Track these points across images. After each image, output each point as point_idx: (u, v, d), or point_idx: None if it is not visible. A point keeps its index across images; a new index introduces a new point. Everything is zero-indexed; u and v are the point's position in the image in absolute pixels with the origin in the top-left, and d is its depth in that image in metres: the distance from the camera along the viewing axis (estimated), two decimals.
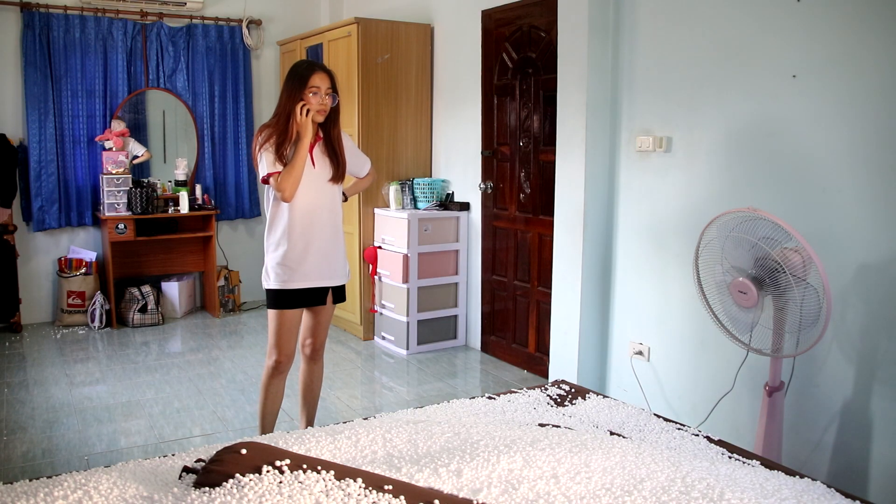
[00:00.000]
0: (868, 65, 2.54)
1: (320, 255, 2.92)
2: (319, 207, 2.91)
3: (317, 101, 2.80)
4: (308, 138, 2.79)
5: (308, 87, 2.79)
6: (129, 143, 5.50)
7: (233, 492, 1.45)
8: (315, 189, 2.89)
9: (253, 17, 5.92)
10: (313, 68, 2.84)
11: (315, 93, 2.80)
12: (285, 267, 2.88)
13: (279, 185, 2.77)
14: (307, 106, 2.78)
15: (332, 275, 2.97)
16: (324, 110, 2.84)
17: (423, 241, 4.66)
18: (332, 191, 2.96)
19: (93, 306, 5.25)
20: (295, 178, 2.77)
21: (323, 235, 2.92)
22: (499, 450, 1.77)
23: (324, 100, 2.82)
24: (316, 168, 2.88)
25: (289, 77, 2.85)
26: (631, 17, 3.45)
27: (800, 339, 2.41)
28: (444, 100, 4.95)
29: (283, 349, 2.94)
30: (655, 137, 3.36)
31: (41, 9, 5.15)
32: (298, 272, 2.89)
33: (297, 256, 2.88)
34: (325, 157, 2.92)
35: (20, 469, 3.05)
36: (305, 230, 2.88)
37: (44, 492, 1.54)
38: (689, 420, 3.24)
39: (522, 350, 4.44)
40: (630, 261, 3.57)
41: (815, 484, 1.86)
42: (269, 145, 2.80)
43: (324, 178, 2.91)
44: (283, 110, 2.82)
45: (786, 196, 2.82)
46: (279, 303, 2.91)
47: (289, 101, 2.81)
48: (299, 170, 2.78)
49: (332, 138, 2.92)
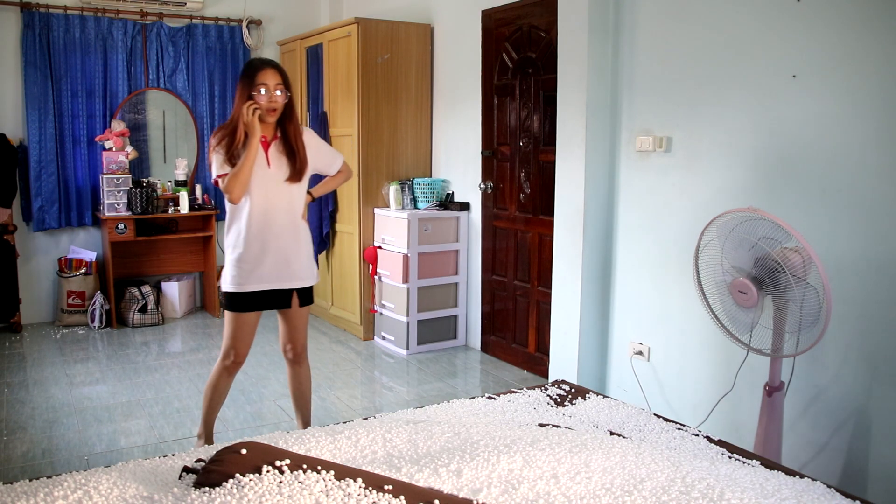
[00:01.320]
0: (868, 65, 2.54)
1: (278, 257, 2.85)
2: (276, 208, 2.83)
3: (265, 99, 2.75)
4: (256, 138, 2.73)
5: (256, 86, 2.74)
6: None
7: (233, 492, 1.45)
8: (271, 189, 2.82)
9: (253, 17, 5.93)
10: (261, 66, 2.78)
11: (262, 90, 2.74)
12: (240, 269, 2.82)
13: (226, 187, 2.73)
14: (254, 105, 2.73)
15: (292, 276, 2.90)
16: (275, 108, 2.78)
17: (423, 241, 4.66)
18: (291, 190, 2.87)
19: (93, 306, 5.25)
20: (241, 179, 2.72)
21: (281, 236, 2.85)
22: (499, 450, 1.77)
23: (273, 97, 2.76)
24: (271, 168, 2.81)
25: (240, 76, 2.81)
26: (631, 17, 3.45)
27: (800, 339, 2.41)
28: (444, 100, 4.95)
29: (239, 351, 2.91)
30: (655, 137, 3.36)
31: (41, 9, 5.15)
32: (254, 274, 2.83)
33: (252, 258, 2.82)
34: (282, 155, 2.84)
35: (20, 469, 3.05)
36: (261, 231, 2.81)
37: (44, 492, 1.54)
38: (689, 420, 3.24)
39: (522, 350, 4.44)
40: (630, 261, 3.57)
41: (815, 484, 1.86)
42: (221, 147, 2.76)
43: (280, 178, 2.83)
44: (235, 110, 2.79)
45: (786, 196, 2.82)
46: (235, 305, 2.86)
47: (239, 100, 2.77)
48: (246, 171, 2.72)
49: (288, 136, 2.84)
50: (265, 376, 4.27)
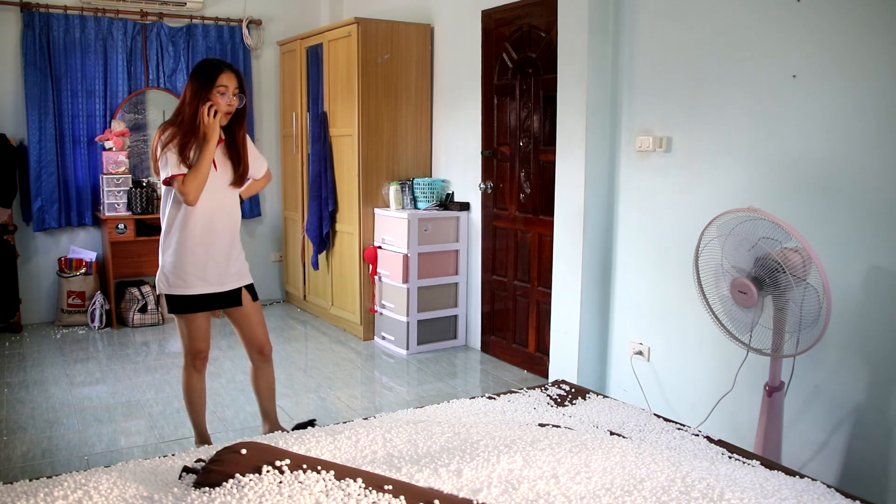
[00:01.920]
0: (868, 65, 2.54)
1: (222, 259, 2.86)
2: (220, 211, 2.83)
3: (224, 101, 2.72)
4: (215, 140, 2.70)
5: (216, 87, 2.71)
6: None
7: (233, 492, 1.45)
8: (217, 192, 2.81)
9: (253, 17, 5.93)
10: (221, 67, 2.74)
11: (223, 93, 2.72)
12: (184, 272, 2.80)
13: (184, 188, 2.67)
14: (214, 107, 2.70)
15: (235, 276, 2.92)
16: (230, 111, 2.77)
17: (423, 241, 4.66)
18: (233, 194, 2.89)
19: (93, 306, 5.25)
20: (200, 181, 2.69)
21: (223, 239, 2.85)
22: (499, 450, 1.77)
23: (231, 100, 2.74)
24: (218, 171, 2.80)
25: (194, 75, 2.75)
26: (631, 17, 3.45)
27: (800, 339, 2.41)
28: (444, 100, 4.95)
29: (200, 349, 2.95)
30: (655, 137, 3.36)
31: (41, 9, 5.15)
32: (200, 277, 2.82)
33: (198, 261, 2.81)
34: (227, 159, 2.84)
35: (20, 469, 3.05)
36: (206, 234, 2.80)
37: (44, 492, 1.54)
38: (689, 420, 3.24)
39: (522, 350, 4.44)
40: (630, 261, 3.57)
41: (815, 484, 1.86)
42: (173, 146, 2.69)
43: (225, 181, 2.83)
44: (187, 109, 2.72)
45: (786, 196, 2.82)
46: (182, 308, 2.85)
47: (193, 100, 2.71)
48: (205, 173, 2.70)
49: (236, 140, 2.84)
50: None
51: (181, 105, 2.76)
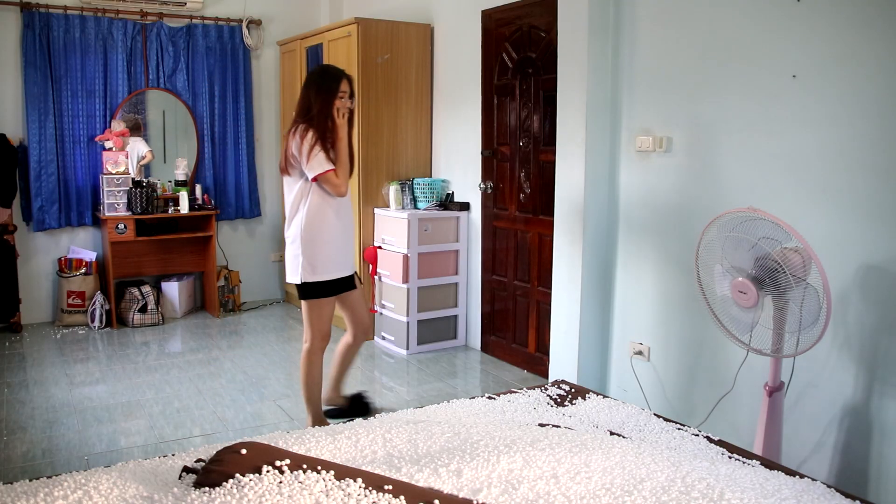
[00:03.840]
0: (868, 65, 2.54)
1: (350, 246, 3.25)
2: (347, 202, 3.21)
3: (344, 104, 3.11)
4: (346, 137, 3.12)
5: (340, 92, 3.09)
6: (132, 143, 5.51)
7: (233, 492, 1.45)
8: (345, 185, 3.16)
9: (253, 17, 5.93)
10: (341, 76, 3.12)
11: (343, 97, 3.10)
12: (331, 258, 3.15)
13: (338, 181, 3.05)
14: (342, 109, 3.09)
15: (352, 262, 3.31)
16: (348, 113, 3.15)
17: (423, 241, 4.66)
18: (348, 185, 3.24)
19: (93, 306, 5.25)
20: (347, 173, 3.12)
21: (350, 227, 3.27)
22: (499, 450, 1.77)
23: (349, 103, 3.13)
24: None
25: (320, 80, 3.10)
26: (631, 17, 3.45)
27: (800, 339, 2.41)
28: (444, 100, 4.95)
29: (327, 331, 3.24)
30: (655, 137, 3.36)
31: (41, 9, 5.15)
32: (339, 263, 3.18)
33: (339, 248, 3.18)
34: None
35: (20, 469, 3.05)
36: (344, 224, 3.19)
37: (44, 492, 1.54)
38: (689, 420, 3.24)
39: (522, 350, 4.44)
40: (630, 261, 3.57)
41: (815, 484, 1.86)
42: (319, 146, 3.04)
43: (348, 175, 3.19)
44: (320, 113, 3.06)
45: (786, 196, 2.82)
46: (325, 292, 3.17)
47: (325, 105, 3.06)
48: (347, 166, 3.12)
49: (350, 139, 3.20)
50: (265, 376, 4.27)
51: (308, 109, 3.09)
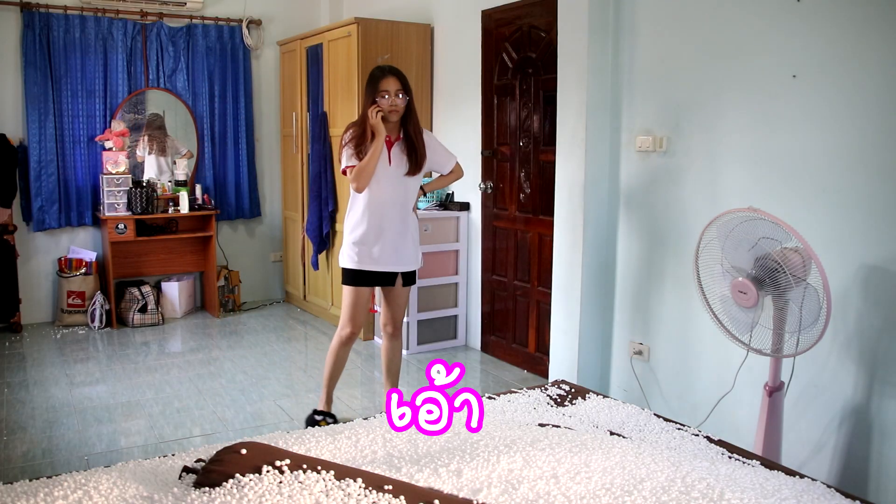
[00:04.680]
0: (868, 64, 2.54)
1: (389, 244, 3.24)
2: (391, 201, 3.22)
3: (386, 103, 3.12)
4: (381, 137, 3.11)
5: (379, 92, 3.12)
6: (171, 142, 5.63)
7: (233, 492, 1.45)
8: (389, 184, 3.20)
9: (253, 17, 5.92)
10: (382, 74, 3.16)
11: (385, 96, 3.12)
12: (358, 250, 3.23)
13: (353, 178, 3.15)
14: (378, 109, 3.11)
15: (399, 261, 3.28)
16: (396, 110, 3.14)
17: (424, 241, 4.65)
18: (407, 185, 3.25)
19: (93, 306, 5.25)
20: (367, 172, 3.13)
21: (392, 226, 3.23)
22: (499, 450, 1.77)
23: (394, 101, 3.12)
24: (392, 164, 3.19)
25: (367, 82, 3.20)
26: (631, 17, 3.45)
27: (800, 339, 2.41)
28: (444, 100, 4.95)
29: (355, 322, 3.32)
30: (655, 137, 3.36)
31: (41, 9, 5.15)
32: (369, 256, 3.23)
33: (368, 242, 3.22)
34: (402, 153, 3.21)
35: (20, 469, 3.05)
36: (377, 220, 3.21)
37: (44, 492, 1.54)
38: (689, 420, 3.24)
39: (522, 350, 4.44)
40: (630, 261, 3.57)
41: (815, 484, 1.86)
42: (351, 143, 3.18)
43: (399, 174, 3.21)
44: (362, 113, 3.19)
45: (786, 196, 2.82)
46: (352, 280, 3.28)
47: (365, 104, 3.17)
48: (371, 165, 3.12)
49: (409, 135, 3.20)
50: (265, 376, 4.27)
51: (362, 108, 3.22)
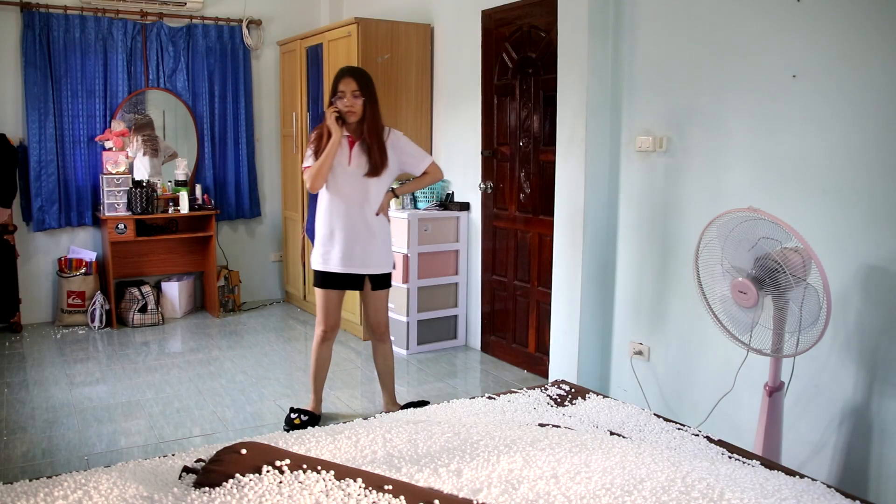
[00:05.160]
0: (868, 65, 2.54)
1: (351, 246, 3.24)
2: (351, 202, 3.22)
3: (342, 103, 3.12)
4: (336, 138, 3.11)
5: (337, 92, 3.14)
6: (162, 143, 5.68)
7: (233, 492, 1.45)
8: (349, 185, 3.21)
9: (253, 17, 5.92)
10: (341, 75, 3.16)
11: (341, 97, 3.12)
12: (323, 251, 3.27)
13: (304, 178, 3.22)
14: (334, 109, 3.12)
15: (364, 264, 3.27)
16: (352, 111, 3.14)
17: (423, 241, 4.66)
18: (368, 186, 3.23)
19: (93, 306, 5.25)
20: (318, 173, 3.15)
21: (353, 228, 3.23)
22: (499, 450, 1.77)
23: (350, 101, 3.12)
24: (352, 165, 3.20)
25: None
26: (631, 17, 3.45)
27: (800, 339, 2.41)
28: (444, 100, 4.95)
29: (325, 321, 3.38)
30: (655, 137, 3.36)
31: (41, 9, 5.15)
32: (328, 257, 3.27)
33: (327, 242, 3.26)
34: (362, 154, 3.20)
35: (20, 469, 3.05)
36: (335, 220, 3.23)
37: (44, 492, 1.54)
38: (689, 420, 3.24)
39: (522, 350, 4.44)
40: (630, 261, 3.57)
41: (815, 484, 1.86)
42: (312, 143, 3.22)
43: (359, 175, 3.21)
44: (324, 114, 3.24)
45: (786, 196, 2.82)
46: (317, 281, 3.36)
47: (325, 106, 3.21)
48: (325, 167, 3.14)
49: (365, 136, 3.19)
50: (265, 376, 4.27)
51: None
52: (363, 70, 3.29)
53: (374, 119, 3.20)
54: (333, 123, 3.11)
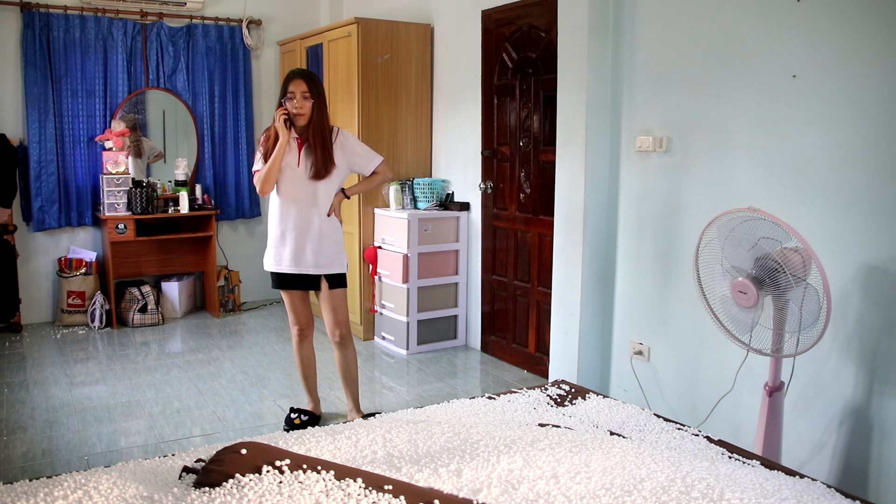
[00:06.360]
0: (868, 65, 2.54)
1: (301, 246, 3.23)
2: (299, 202, 3.20)
3: (292, 105, 3.10)
4: (283, 140, 3.10)
5: (287, 94, 3.11)
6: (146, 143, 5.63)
7: (233, 492, 1.45)
8: (298, 186, 3.18)
9: (253, 17, 5.92)
10: (291, 76, 3.13)
11: (290, 98, 3.10)
12: (274, 252, 3.27)
13: (254, 181, 3.22)
14: (283, 111, 3.10)
15: (317, 263, 3.25)
16: (301, 113, 3.11)
17: (423, 241, 4.66)
18: (316, 188, 3.20)
19: (93, 306, 5.25)
20: (266, 176, 3.14)
21: (301, 227, 3.21)
22: (499, 450, 1.77)
23: (301, 103, 3.09)
24: (300, 166, 3.18)
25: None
26: (631, 17, 3.45)
27: (800, 339, 2.41)
28: (444, 100, 4.95)
29: (296, 320, 3.44)
30: (655, 137, 3.36)
31: (41, 9, 5.15)
32: (278, 258, 3.27)
33: (277, 243, 3.26)
34: (309, 155, 3.17)
35: (20, 469, 3.05)
36: (284, 221, 3.21)
37: (44, 492, 1.54)
38: (689, 420, 3.24)
39: (522, 350, 4.44)
40: (630, 261, 3.57)
41: (815, 484, 1.86)
42: (261, 146, 3.20)
43: (306, 176, 3.17)
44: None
45: (786, 196, 2.82)
46: (276, 283, 3.38)
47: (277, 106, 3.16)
48: (272, 170, 3.14)
49: (308, 137, 3.15)
50: (265, 376, 4.27)
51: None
52: (313, 72, 3.29)
53: (321, 121, 3.16)
54: (281, 125, 3.09)
